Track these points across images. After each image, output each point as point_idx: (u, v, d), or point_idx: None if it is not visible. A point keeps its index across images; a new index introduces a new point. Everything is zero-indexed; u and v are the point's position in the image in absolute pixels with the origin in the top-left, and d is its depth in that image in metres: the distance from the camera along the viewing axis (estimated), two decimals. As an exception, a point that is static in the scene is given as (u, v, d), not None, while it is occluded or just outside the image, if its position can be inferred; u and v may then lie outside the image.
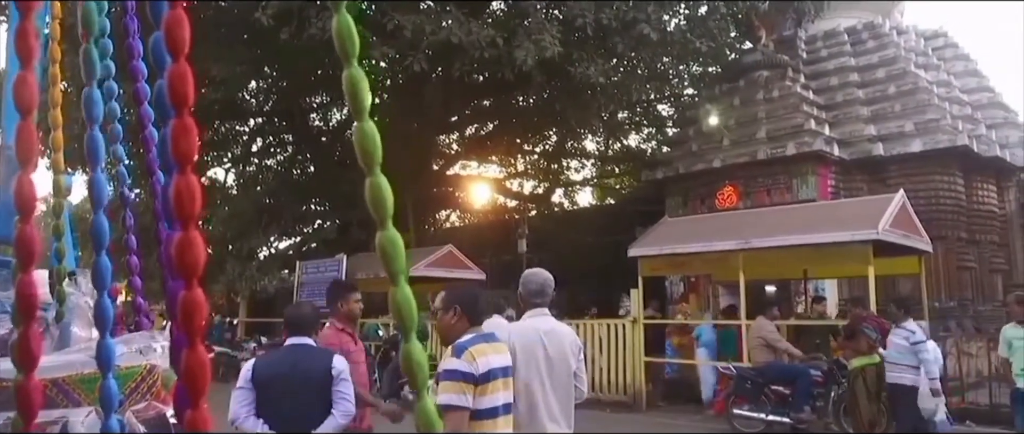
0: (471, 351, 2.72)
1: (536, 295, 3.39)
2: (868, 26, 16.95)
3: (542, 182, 25.25)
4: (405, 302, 0.78)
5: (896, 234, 8.63)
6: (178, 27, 0.76)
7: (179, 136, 0.76)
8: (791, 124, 14.16)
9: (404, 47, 12.92)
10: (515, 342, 3.22)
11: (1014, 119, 15.91)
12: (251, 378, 3.37)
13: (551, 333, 3.33)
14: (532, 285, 3.41)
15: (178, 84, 0.76)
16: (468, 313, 2.93)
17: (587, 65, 13.31)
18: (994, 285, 14.39)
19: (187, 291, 0.74)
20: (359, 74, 0.80)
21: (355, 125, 0.79)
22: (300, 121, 19.47)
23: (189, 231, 0.75)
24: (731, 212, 13.33)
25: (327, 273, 14.23)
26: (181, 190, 0.75)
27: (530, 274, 3.49)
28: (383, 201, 0.78)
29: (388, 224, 0.79)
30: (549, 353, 3.27)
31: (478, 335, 2.86)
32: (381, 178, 0.78)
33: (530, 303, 3.40)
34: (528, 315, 3.41)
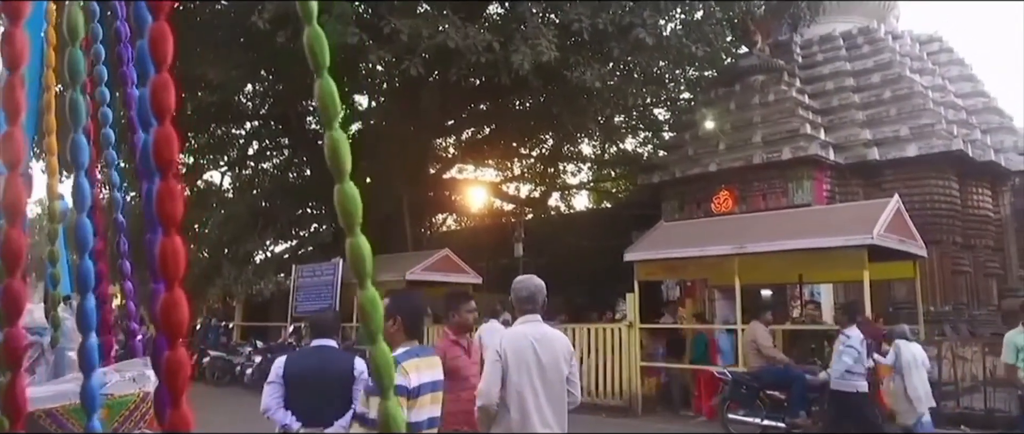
0: (404, 366, 2.73)
1: (527, 302, 3.44)
2: (863, 31, 17.02)
3: (539, 186, 25.27)
4: (372, 305, 0.80)
5: (891, 239, 8.64)
6: (162, 40, 0.77)
7: (161, 144, 0.77)
8: (787, 128, 14.20)
9: (401, 51, 12.93)
10: (506, 348, 3.26)
11: (1009, 124, 15.98)
12: (282, 374, 3.67)
13: (542, 339, 3.35)
14: (524, 292, 3.45)
15: (161, 95, 0.77)
16: (407, 325, 2.94)
17: (583, 70, 13.34)
18: (989, 290, 14.43)
19: (168, 293, 0.75)
20: (330, 85, 0.83)
21: (325, 134, 0.81)
22: (296, 124, 19.45)
23: (171, 236, 0.76)
24: (727, 217, 13.36)
25: (323, 277, 14.22)
26: (163, 196, 0.76)
27: (521, 281, 3.52)
28: (352, 209, 0.81)
29: (356, 231, 0.82)
30: (541, 359, 3.30)
31: (413, 349, 2.88)
32: (350, 187, 0.80)
33: (521, 309, 3.45)
34: (519, 321, 3.45)
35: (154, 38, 0.79)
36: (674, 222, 13.39)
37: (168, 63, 0.80)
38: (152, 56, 0.79)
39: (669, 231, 11.77)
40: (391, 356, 0.82)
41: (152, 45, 0.79)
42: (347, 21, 12.35)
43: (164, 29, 0.80)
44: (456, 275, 14.16)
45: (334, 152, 0.80)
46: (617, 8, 13.19)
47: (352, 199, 0.80)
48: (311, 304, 14.16)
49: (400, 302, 3.05)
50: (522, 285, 3.48)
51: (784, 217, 11.15)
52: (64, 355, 2.17)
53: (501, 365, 3.26)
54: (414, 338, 2.94)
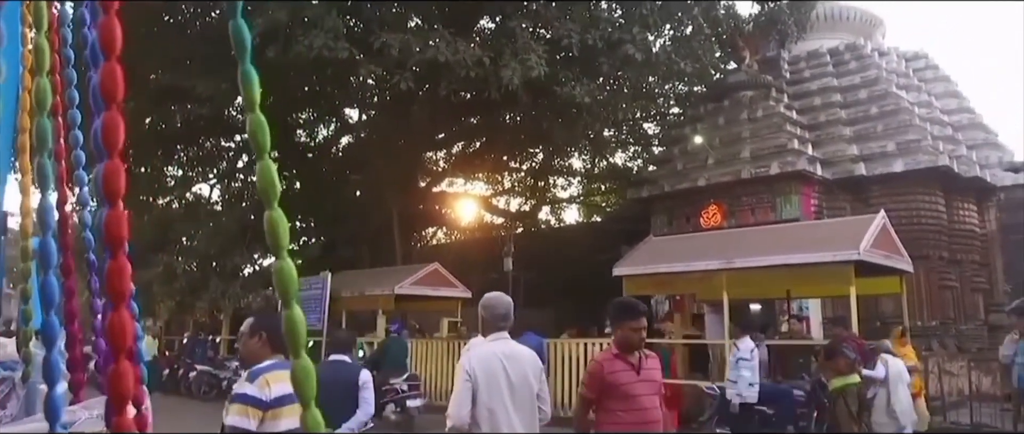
0: (266, 377, 2.85)
1: (502, 319, 3.45)
2: (850, 47, 17.18)
3: (529, 199, 25.29)
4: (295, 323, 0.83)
5: (877, 255, 8.68)
6: (110, 30, 0.81)
7: (108, 129, 0.80)
8: (774, 144, 14.29)
9: (391, 65, 12.96)
10: (475, 366, 3.26)
11: (994, 139, 16.14)
12: None
13: (512, 356, 3.37)
14: (499, 309, 3.46)
15: (108, 81, 0.80)
16: (272, 340, 3.04)
17: (573, 85, 13.41)
18: (975, 304, 14.51)
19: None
20: (260, 119, 0.89)
21: (257, 164, 0.84)
22: (286, 138, 19.42)
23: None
24: (715, 231, 13.40)
25: (311, 291, 14.15)
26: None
27: (494, 298, 3.52)
28: (280, 233, 0.83)
29: (284, 254, 0.85)
30: (511, 377, 3.30)
31: (276, 362, 2.96)
32: (278, 212, 0.83)
33: (494, 326, 3.44)
34: (489, 339, 3.44)
35: (102, 29, 0.82)
36: (663, 237, 13.42)
37: (116, 53, 0.83)
38: (101, 47, 0.82)
39: (658, 246, 11.79)
40: (311, 369, 0.84)
41: (101, 36, 0.82)
42: (338, 36, 12.38)
43: (112, 21, 0.82)
44: (445, 289, 14.12)
45: (264, 180, 0.84)
46: (606, 24, 13.30)
47: (280, 224, 0.83)
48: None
49: (264, 320, 3.20)
50: (496, 302, 3.49)
51: (772, 232, 11.20)
52: (36, 390, 2.14)
53: (471, 384, 3.25)
54: (279, 353, 3.03)
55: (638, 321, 3.68)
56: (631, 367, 3.64)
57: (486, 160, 22.58)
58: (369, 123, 20.50)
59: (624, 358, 3.65)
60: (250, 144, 0.88)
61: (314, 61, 12.57)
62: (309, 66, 13.55)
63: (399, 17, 14.61)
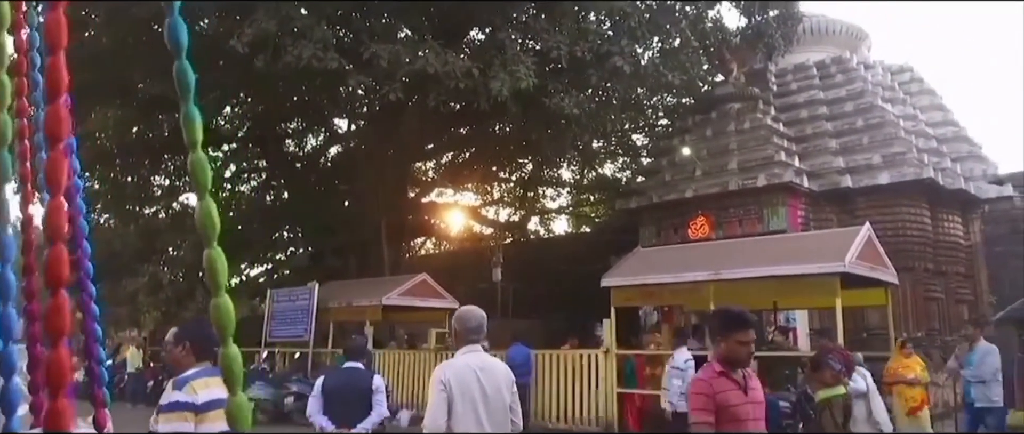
0: (193, 384, 2.94)
1: (474, 332, 3.50)
2: (836, 60, 17.35)
3: (518, 210, 25.31)
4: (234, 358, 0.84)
5: (863, 267, 8.74)
6: (56, 26, 0.82)
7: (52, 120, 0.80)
8: (762, 155, 14.38)
9: (380, 76, 12.97)
10: (450, 379, 3.31)
11: (978, 152, 16.29)
12: (321, 389, 5.02)
13: (485, 369, 3.42)
14: (471, 322, 3.51)
15: (54, 75, 0.81)
16: (196, 349, 3.12)
17: (561, 96, 13.45)
18: (960, 316, 14.59)
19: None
20: (201, 159, 0.88)
21: (198, 203, 0.83)
22: (274, 147, 19.39)
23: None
24: (702, 243, 13.45)
25: (298, 302, 14.07)
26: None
27: (466, 312, 3.57)
28: (218, 272, 0.83)
29: (222, 292, 0.84)
30: (485, 389, 3.35)
31: (203, 370, 3.05)
32: (218, 251, 0.84)
33: (466, 339, 3.49)
34: (462, 351, 3.48)
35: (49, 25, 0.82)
36: (651, 248, 13.45)
37: (62, 46, 0.82)
38: (46, 41, 0.82)
39: (645, 257, 11.82)
40: (239, 358, 0.84)
41: (46, 31, 0.83)
42: (327, 46, 12.38)
43: (58, 16, 0.83)
44: (434, 300, 14.08)
45: (205, 219, 0.84)
46: (595, 36, 13.37)
47: (219, 262, 0.83)
48: (285, 329, 14.01)
49: (188, 329, 3.32)
50: (469, 316, 3.53)
51: (758, 244, 11.25)
52: None
53: (446, 395, 3.29)
54: (205, 360, 3.11)
55: (747, 333, 3.27)
56: (737, 386, 3.24)
57: (475, 170, 22.60)
58: (358, 133, 20.49)
59: (729, 375, 3.23)
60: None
61: (303, 71, 12.57)
62: (298, 76, 13.54)
63: (389, 28, 14.64)
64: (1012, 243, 15.89)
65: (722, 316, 3.45)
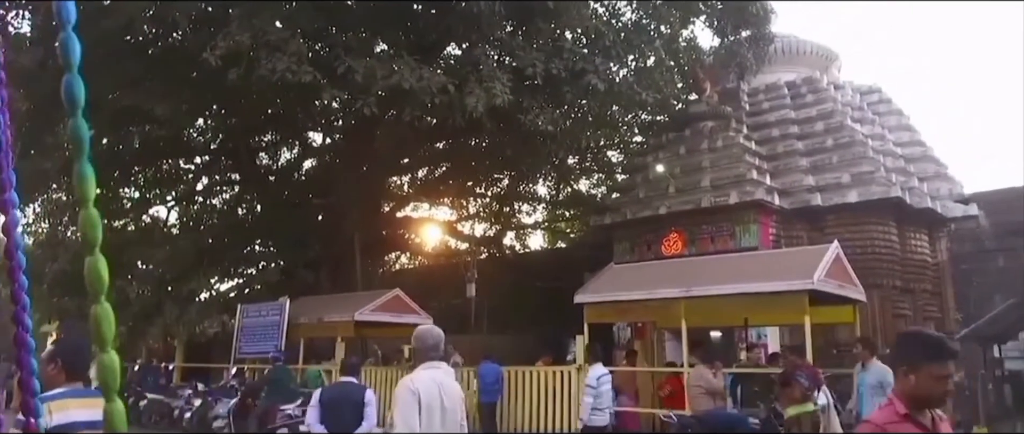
0: (49, 405, 2.93)
1: (432, 350, 3.70)
2: (807, 81, 17.65)
3: (494, 225, 25.29)
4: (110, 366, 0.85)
5: (831, 284, 8.85)
6: None
7: None
8: (734, 173, 14.54)
9: (356, 90, 12.92)
10: (419, 389, 3.53)
11: (944, 172, 16.61)
12: (319, 400, 5.65)
13: (445, 385, 3.66)
14: (429, 341, 3.70)
15: None
16: (67, 367, 3.14)
17: (537, 113, 13.51)
18: (928, 333, 14.82)
19: None
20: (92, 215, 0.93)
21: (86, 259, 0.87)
22: (247, 160, 19.18)
23: None
24: (674, 260, 13.54)
25: (268, 317, 13.89)
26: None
27: (424, 331, 3.77)
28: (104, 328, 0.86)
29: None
30: (445, 403, 3.59)
31: (69, 390, 3.07)
32: (106, 307, 0.86)
33: (426, 357, 3.69)
34: (424, 367, 3.66)
35: None
36: (624, 264, 13.51)
37: None
38: None
39: (618, 273, 11.86)
40: (116, 365, 0.86)
41: None
42: (302, 59, 12.32)
43: None
44: (407, 316, 13.96)
45: (92, 275, 0.87)
46: (570, 54, 13.46)
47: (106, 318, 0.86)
48: (255, 345, 13.81)
49: (60, 347, 3.33)
50: (427, 334, 3.73)
51: (729, 261, 11.35)
52: None
53: (416, 400, 3.51)
54: (76, 380, 3.13)
55: (946, 366, 2.54)
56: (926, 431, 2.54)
57: (451, 185, 22.58)
58: (333, 147, 20.37)
59: (915, 419, 2.52)
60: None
61: (277, 84, 12.49)
62: (272, 89, 13.45)
63: (364, 42, 14.63)
64: (977, 261, 16.23)
65: (917, 342, 2.74)
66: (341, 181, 17.62)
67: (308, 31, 13.85)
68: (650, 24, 15.75)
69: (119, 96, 15.26)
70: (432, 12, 14.78)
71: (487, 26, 13.49)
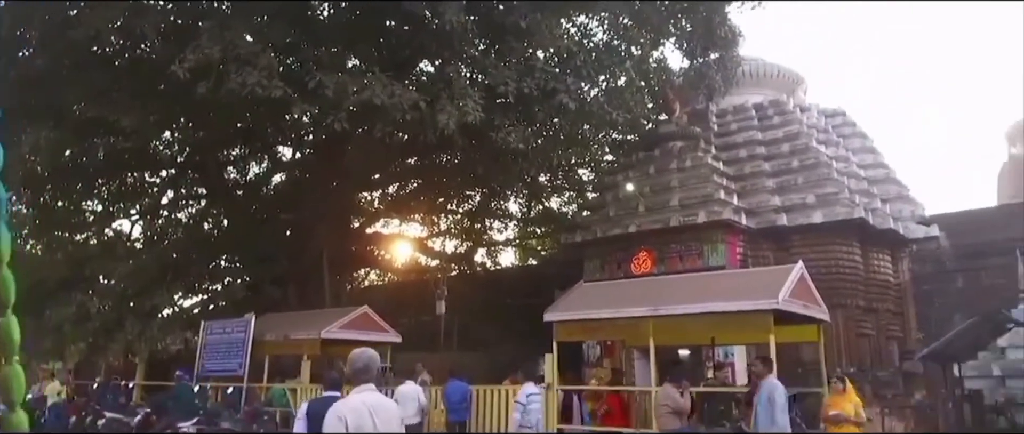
0: None
1: (362, 372, 3.78)
2: (774, 103, 17.99)
3: (465, 241, 25.23)
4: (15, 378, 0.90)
5: (795, 304, 8.96)
6: None
7: None
8: (702, 193, 14.72)
9: (326, 105, 12.85)
10: (346, 416, 3.58)
11: (906, 194, 16.99)
12: (306, 413, 5.23)
13: (377, 406, 3.70)
14: (359, 363, 3.79)
15: None
16: None
17: (508, 131, 13.55)
18: (890, 352, 15.09)
19: None
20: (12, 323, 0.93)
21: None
22: (214, 174, 18.92)
23: None
24: (643, 278, 13.63)
25: (233, 334, 13.63)
26: None
27: (356, 354, 3.85)
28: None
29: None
30: (376, 425, 3.62)
31: None
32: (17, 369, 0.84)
33: (358, 379, 3.77)
34: (356, 390, 3.75)
35: None
36: (593, 282, 13.54)
37: None
38: None
39: (588, 291, 11.88)
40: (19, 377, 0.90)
41: None
42: (272, 74, 12.23)
43: None
44: (375, 334, 13.81)
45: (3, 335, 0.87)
46: (542, 73, 13.55)
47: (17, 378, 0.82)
48: (219, 363, 13.55)
49: None
50: (358, 357, 3.82)
51: (696, 280, 11.45)
52: None
53: (344, 427, 3.55)
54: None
55: None
56: None
57: (422, 201, 22.49)
58: (303, 162, 20.20)
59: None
60: None
61: (247, 98, 12.37)
62: (241, 103, 13.31)
63: (336, 57, 14.57)
64: (938, 282, 16.58)
65: None
66: (310, 196, 17.45)
67: (279, 45, 13.76)
68: (621, 45, 15.95)
69: (84, 107, 14.99)
70: (405, 29, 14.80)
71: (459, 44, 13.53)
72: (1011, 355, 12.69)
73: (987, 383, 12.50)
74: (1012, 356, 12.67)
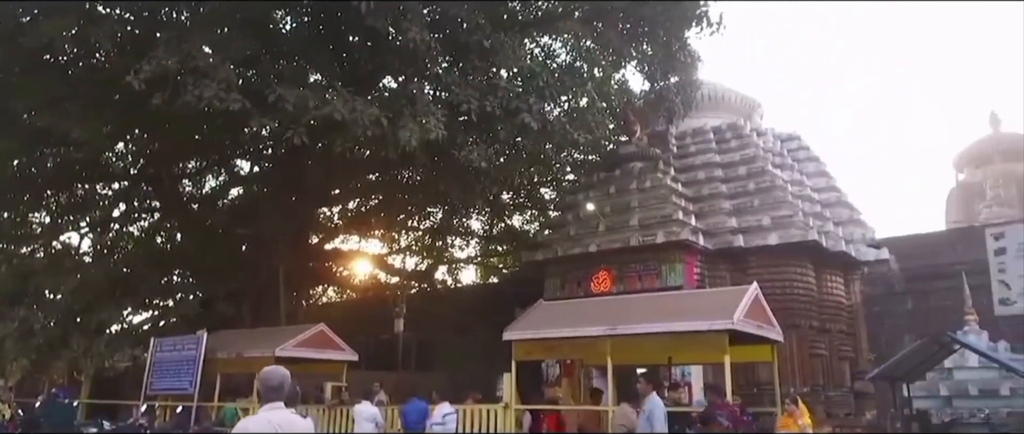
0: None
1: (274, 390, 3.76)
2: (731, 127, 18.35)
3: (426, 259, 25.05)
4: None
5: (750, 325, 9.10)
6: None
7: None
8: (661, 214, 14.90)
9: (286, 119, 12.69)
10: None
11: (858, 217, 17.41)
12: None
13: (284, 423, 3.68)
14: (272, 382, 3.78)
15: None
16: None
17: (471, 149, 13.54)
18: (842, 372, 15.38)
19: None
20: None
21: None
22: (169, 187, 18.49)
23: None
24: (601, 297, 13.69)
25: (184, 352, 13.27)
26: None
27: (268, 371, 3.86)
28: None
29: None
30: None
31: None
32: None
33: (267, 397, 3.78)
34: (265, 408, 3.76)
35: None
36: (553, 301, 13.57)
37: None
38: None
39: (547, 310, 11.89)
40: None
41: None
42: (231, 87, 12.04)
43: None
44: (331, 352, 13.59)
45: None
46: (505, 92, 13.59)
47: None
48: (168, 381, 13.18)
49: None
50: (271, 375, 3.81)
51: (654, 300, 11.55)
52: None
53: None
54: None
55: None
56: None
57: (382, 218, 22.28)
58: (261, 176, 19.88)
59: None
60: None
61: (204, 111, 12.14)
62: (199, 115, 13.07)
63: (297, 71, 14.43)
64: (888, 304, 17.02)
65: None
66: (268, 211, 17.16)
67: (239, 58, 13.56)
68: (583, 67, 16.14)
69: (35, 116, 14.54)
70: (368, 45, 14.74)
71: (423, 61, 13.51)
72: (957, 376, 13.05)
73: (934, 403, 12.83)
74: (958, 377, 13.03)
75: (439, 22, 14.12)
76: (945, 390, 12.77)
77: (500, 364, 12.37)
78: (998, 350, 12.42)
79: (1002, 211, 22.77)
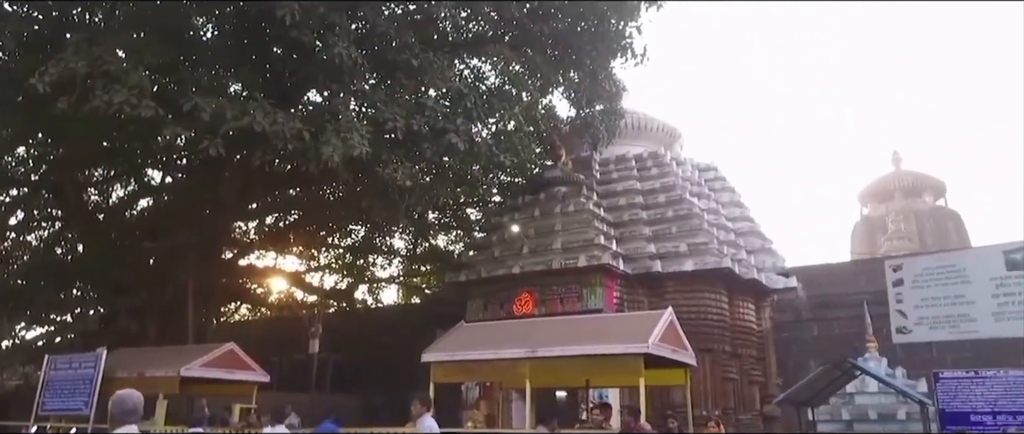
0: None
1: (129, 413, 3.81)
2: (653, 155, 18.87)
3: (346, 277, 24.52)
4: None
5: (665, 349, 9.28)
6: None
7: None
8: (583, 238, 15.12)
9: (202, 129, 12.22)
10: None
11: (769, 246, 18.16)
12: None
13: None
14: (127, 405, 3.82)
15: None
16: None
17: (395, 167, 13.38)
18: (752, 396, 15.90)
19: None
20: None
21: None
22: (72, 195, 17.48)
23: None
24: (521, 320, 13.74)
25: (81, 370, 12.45)
26: None
27: (121, 395, 3.88)
28: None
29: None
30: None
31: None
32: None
33: (120, 421, 3.79)
34: (119, 431, 3.77)
35: None
36: (474, 323, 13.48)
37: None
38: None
39: (468, 332, 11.80)
40: None
41: None
42: (144, 93, 11.52)
43: None
44: (241, 372, 13.03)
45: None
46: (432, 112, 13.54)
47: None
48: (62, 401, 12.33)
49: None
50: (125, 399, 3.84)
51: (573, 323, 11.65)
52: None
53: None
54: None
55: None
56: None
57: (301, 234, 21.71)
58: (173, 186, 19.07)
59: None
60: None
61: (115, 117, 11.57)
62: (108, 122, 12.45)
63: (217, 80, 13.98)
64: (796, 330, 17.73)
65: None
66: (179, 223, 16.45)
67: (154, 65, 13.02)
68: (511, 90, 16.28)
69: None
70: (293, 57, 14.43)
71: (349, 77, 13.33)
72: (858, 400, 13.66)
73: (837, 426, 13.37)
74: (859, 401, 13.64)
75: (367, 38, 13.98)
76: (847, 414, 13.32)
77: (418, 386, 12.18)
78: (896, 376, 13.06)
79: (902, 244, 24.16)
